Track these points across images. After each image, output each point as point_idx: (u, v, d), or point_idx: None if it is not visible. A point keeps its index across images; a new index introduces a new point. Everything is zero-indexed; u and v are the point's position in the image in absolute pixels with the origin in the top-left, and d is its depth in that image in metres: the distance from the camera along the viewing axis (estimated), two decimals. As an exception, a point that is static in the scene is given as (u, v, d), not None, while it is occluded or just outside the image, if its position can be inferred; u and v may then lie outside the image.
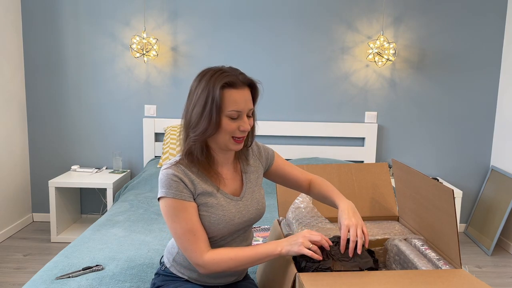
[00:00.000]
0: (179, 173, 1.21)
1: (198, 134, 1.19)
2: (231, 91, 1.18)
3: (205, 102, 1.17)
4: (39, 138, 3.47)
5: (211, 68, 1.22)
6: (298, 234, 1.17)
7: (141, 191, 2.90)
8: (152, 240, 2.03)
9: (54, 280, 1.60)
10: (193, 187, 1.22)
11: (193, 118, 1.20)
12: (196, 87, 1.21)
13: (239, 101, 1.19)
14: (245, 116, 1.22)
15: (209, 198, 1.24)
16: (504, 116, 3.31)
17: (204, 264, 1.19)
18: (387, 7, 3.31)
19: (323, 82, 3.40)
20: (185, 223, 1.19)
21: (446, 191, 1.16)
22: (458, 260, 1.15)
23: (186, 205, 1.20)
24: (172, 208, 1.19)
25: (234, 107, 1.18)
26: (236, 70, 1.22)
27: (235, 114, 1.19)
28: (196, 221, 1.21)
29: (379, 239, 1.41)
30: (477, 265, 2.92)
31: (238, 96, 1.18)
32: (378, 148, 3.47)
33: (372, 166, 1.70)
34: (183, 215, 1.19)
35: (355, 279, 1.06)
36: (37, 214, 3.55)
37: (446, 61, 3.36)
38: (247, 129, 1.22)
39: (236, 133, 1.21)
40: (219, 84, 1.16)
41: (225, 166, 1.32)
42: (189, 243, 1.19)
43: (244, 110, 1.20)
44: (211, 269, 1.20)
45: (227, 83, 1.17)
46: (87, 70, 3.40)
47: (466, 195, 3.50)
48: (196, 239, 1.19)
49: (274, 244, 1.18)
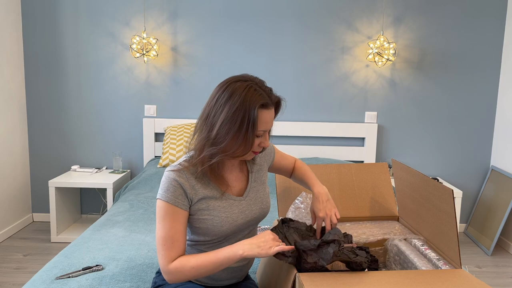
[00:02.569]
0: (180, 179, 1.20)
1: (228, 153, 1.18)
2: (263, 112, 1.17)
3: (241, 123, 1.14)
4: (39, 138, 3.47)
5: (242, 80, 1.19)
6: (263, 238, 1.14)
7: (141, 191, 2.90)
8: (152, 240, 2.03)
9: (54, 280, 1.60)
10: (193, 193, 1.22)
11: (222, 133, 1.16)
12: (228, 100, 1.15)
13: (269, 121, 1.20)
14: (267, 134, 1.23)
15: (210, 202, 1.24)
16: (504, 116, 3.31)
17: (168, 272, 1.18)
18: (387, 7, 3.31)
19: (323, 82, 3.40)
20: (169, 229, 1.19)
21: (446, 191, 1.17)
22: (458, 260, 1.15)
23: (177, 212, 1.20)
24: (163, 211, 1.20)
25: (263, 127, 1.19)
26: (266, 85, 1.21)
27: (262, 133, 1.20)
28: (180, 231, 1.20)
29: (379, 239, 1.41)
30: (477, 265, 2.92)
31: (268, 116, 1.19)
32: (378, 148, 3.47)
33: (372, 166, 1.70)
34: (170, 221, 1.19)
35: (355, 279, 1.06)
36: (37, 214, 3.55)
37: (446, 61, 3.36)
38: (267, 146, 1.24)
39: (256, 148, 1.22)
40: (256, 105, 1.14)
41: (231, 170, 1.32)
42: (163, 248, 1.18)
43: (269, 128, 1.22)
44: (175, 277, 1.18)
45: (263, 104, 1.16)
46: (87, 70, 3.40)
47: (466, 195, 3.50)
48: (171, 247, 1.18)
49: (235, 247, 1.15)
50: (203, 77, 3.38)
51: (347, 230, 1.49)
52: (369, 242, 1.41)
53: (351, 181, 1.66)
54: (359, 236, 1.43)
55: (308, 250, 1.13)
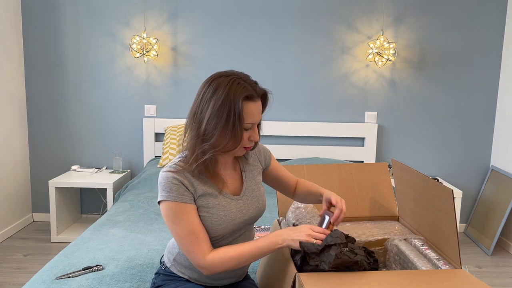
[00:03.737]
0: (179, 176, 1.20)
1: (218, 149, 1.19)
2: (248, 104, 1.18)
3: (228, 117, 1.15)
4: (39, 138, 3.47)
5: (225, 75, 1.20)
6: (301, 228, 1.18)
7: (141, 191, 2.90)
8: (152, 240, 2.03)
9: (54, 280, 1.60)
10: (193, 189, 1.22)
11: (210, 129, 1.17)
12: (212, 95, 1.17)
13: (255, 114, 1.20)
14: (256, 127, 1.24)
15: (210, 199, 1.24)
16: (504, 116, 3.31)
17: (207, 266, 1.19)
18: (387, 7, 3.31)
19: (323, 82, 3.40)
20: (187, 225, 1.19)
21: (446, 191, 1.17)
22: (458, 260, 1.15)
23: (187, 207, 1.20)
24: (173, 211, 1.19)
25: (250, 120, 1.19)
26: (250, 79, 1.22)
27: (250, 126, 1.20)
28: (197, 222, 1.21)
29: (379, 239, 1.41)
30: (477, 265, 2.92)
31: (254, 108, 1.20)
32: (378, 148, 3.47)
33: (372, 166, 1.70)
34: (185, 218, 1.19)
35: (355, 279, 1.06)
36: (37, 214, 3.55)
37: (446, 61, 3.36)
38: (257, 140, 1.24)
39: (246, 143, 1.23)
40: (240, 97, 1.15)
41: (225, 167, 1.32)
42: (191, 245, 1.19)
43: (257, 121, 1.22)
44: (214, 269, 1.20)
45: (247, 96, 1.17)
46: (87, 70, 3.40)
47: (466, 195, 3.50)
48: (198, 241, 1.19)
49: (273, 237, 1.18)
50: (203, 77, 3.35)
51: (347, 230, 1.49)
52: (369, 242, 1.41)
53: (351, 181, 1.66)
54: (359, 236, 1.43)
55: (311, 253, 1.13)
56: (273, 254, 1.40)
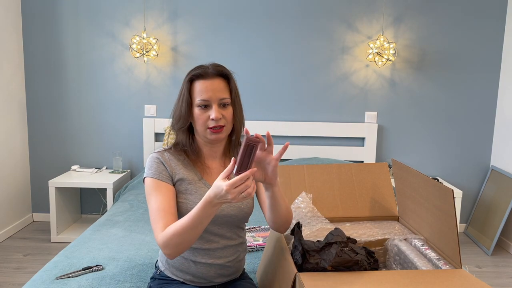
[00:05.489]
0: (162, 157, 1.29)
1: (175, 124, 1.31)
2: (199, 82, 1.26)
3: (179, 95, 1.30)
4: (39, 138, 3.47)
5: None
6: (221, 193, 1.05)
7: (141, 191, 2.90)
8: (152, 240, 2.03)
9: (54, 280, 1.60)
10: (172, 171, 1.27)
11: (173, 110, 1.33)
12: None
13: (206, 91, 1.24)
14: (215, 105, 1.25)
15: (189, 185, 1.27)
16: (504, 116, 3.31)
17: (159, 243, 1.16)
18: (387, 7, 3.31)
19: (323, 82, 3.40)
20: (155, 202, 1.22)
21: (446, 191, 1.17)
22: (458, 260, 1.15)
23: (161, 185, 1.25)
24: (150, 187, 1.25)
25: (201, 96, 1.25)
26: (214, 64, 1.30)
27: (203, 103, 1.25)
28: (166, 201, 1.22)
29: (379, 239, 1.41)
30: (477, 265, 2.92)
31: (205, 86, 1.25)
32: (378, 148, 3.47)
33: (372, 166, 1.70)
34: (156, 194, 1.23)
35: (355, 279, 1.06)
36: (37, 214, 3.55)
37: (446, 61, 3.36)
38: (217, 118, 1.23)
39: (209, 123, 1.25)
40: (188, 77, 1.28)
41: (212, 160, 1.34)
42: (153, 222, 1.20)
43: (213, 99, 1.25)
44: (167, 247, 1.14)
45: (195, 75, 1.27)
46: (87, 70, 3.40)
47: (466, 195, 3.50)
48: (159, 218, 1.19)
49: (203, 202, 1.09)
50: (203, 77, 3.37)
51: (347, 230, 1.49)
52: (369, 242, 1.41)
53: (351, 181, 1.66)
54: (359, 236, 1.42)
55: (311, 250, 1.13)
56: (273, 254, 1.40)
